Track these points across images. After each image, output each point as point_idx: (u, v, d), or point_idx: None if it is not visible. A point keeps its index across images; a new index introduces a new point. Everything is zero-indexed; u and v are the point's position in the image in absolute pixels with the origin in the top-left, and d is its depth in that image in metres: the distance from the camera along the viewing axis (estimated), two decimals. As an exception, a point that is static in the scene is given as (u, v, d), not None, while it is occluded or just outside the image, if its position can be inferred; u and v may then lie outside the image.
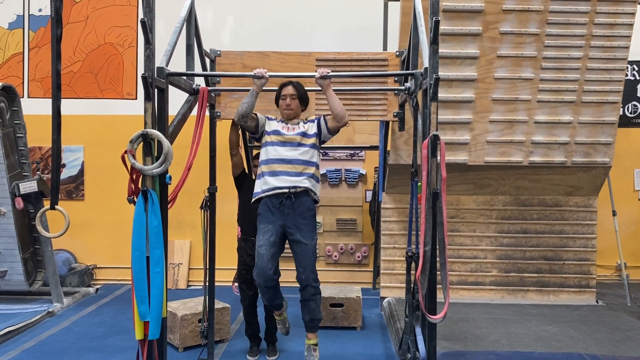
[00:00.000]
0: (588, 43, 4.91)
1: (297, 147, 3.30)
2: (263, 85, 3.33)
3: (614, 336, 4.33)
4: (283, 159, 3.27)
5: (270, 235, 3.23)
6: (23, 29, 7.02)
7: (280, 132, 3.35)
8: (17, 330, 4.93)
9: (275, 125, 3.41)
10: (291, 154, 3.28)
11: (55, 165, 3.36)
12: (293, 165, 3.26)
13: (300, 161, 3.28)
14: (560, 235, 5.55)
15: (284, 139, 3.32)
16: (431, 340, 2.93)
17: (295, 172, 3.26)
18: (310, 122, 3.43)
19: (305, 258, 3.21)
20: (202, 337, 4.31)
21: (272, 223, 3.24)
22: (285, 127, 3.38)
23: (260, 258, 3.21)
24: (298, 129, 3.36)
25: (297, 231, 3.22)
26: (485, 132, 5.11)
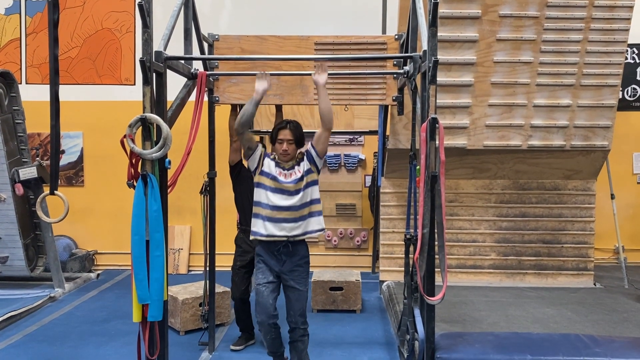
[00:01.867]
0: (588, 26, 4.89)
1: (294, 195, 3.21)
2: (264, 94, 3.23)
3: (611, 318, 4.37)
4: (281, 207, 3.19)
5: (269, 276, 3.29)
6: (20, 15, 6.98)
7: (278, 179, 3.23)
8: (19, 315, 4.98)
9: (273, 168, 3.27)
10: (289, 202, 3.19)
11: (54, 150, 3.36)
12: (291, 212, 3.20)
13: (297, 207, 3.21)
14: (559, 218, 5.57)
15: (282, 187, 3.22)
16: (430, 322, 2.96)
17: (293, 218, 3.20)
18: (302, 161, 3.31)
19: (297, 303, 3.29)
20: (203, 320, 4.35)
21: (269, 267, 3.29)
22: (282, 173, 3.26)
23: (261, 295, 3.26)
24: (294, 175, 3.25)
25: (292, 278, 3.29)
26: (484, 116, 5.10)
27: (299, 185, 3.22)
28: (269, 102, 4.21)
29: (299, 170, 3.26)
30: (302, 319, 3.32)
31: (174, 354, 4.03)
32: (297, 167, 3.28)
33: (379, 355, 4.13)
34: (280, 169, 3.27)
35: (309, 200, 3.25)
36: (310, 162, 3.27)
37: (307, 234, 3.27)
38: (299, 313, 3.30)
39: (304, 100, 4.06)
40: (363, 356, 4.12)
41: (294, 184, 3.22)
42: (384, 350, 4.23)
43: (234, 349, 4.23)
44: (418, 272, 2.90)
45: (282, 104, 4.23)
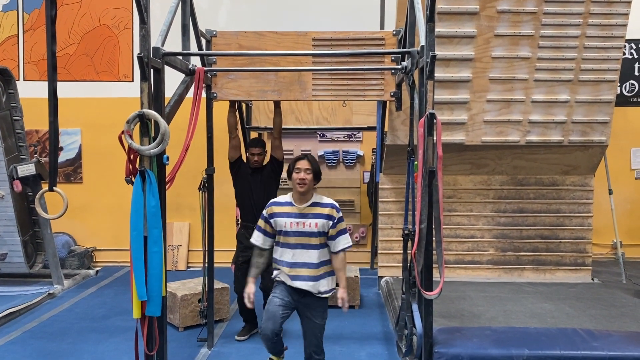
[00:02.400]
0: (585, 21, 4.89)
1: (310, 249, 3.09)
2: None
3: (609, 312, 4.38)
4: (297, 263, 3.09)
5: (286, 296, 3.13)
6: (17, 11, 6.96)
7: (288, 231, 3.08)
8: (19, 311, 4.98)
9: (283, 222, 3.09)
10: (305, 257, 3.08)
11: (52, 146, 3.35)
12: (307, 270, 3.09)
13: (314, 265, 3.09)
14: (557, 214, 5.58)
15: (295, 241, 3.08)
16: (427, 316, 2.97)
17: (310, 277, 3.09)
18: (323, 219, 3.09)
19: (313, 335, 3.15)
20: (201, 317, 4.37)
21: (288, 296, 3.14)
22: (295, 223, 3.08)
23: (273, 304, 3.12)
24: (309, 227, 3.07)
25: (309, 312, 3.16)
26: (482, 111, 5.11)
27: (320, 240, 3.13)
28: (267, 99, 4.21)
29: (316, 223, 3.10)
30: (319, 350, 3.18)
31: (173, 349, 4.04)
32: (315, 219, 3.11)
33: (377, 350, 4.15)
34: (296, 218, 3.11)
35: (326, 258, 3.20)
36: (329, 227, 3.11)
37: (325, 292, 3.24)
38: (315, 344, 3.16)
39: (302, 96, 4.06)
40: (361, 351, 4.13)
41: (315, 237, 3.12)
42: (383, 346, 4.24)
43: (239, 339, 4.32)
44: (416, 267, 2.91)
45: (280, 100, 4.23)
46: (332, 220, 3.07)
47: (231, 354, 4.11)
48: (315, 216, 3.07)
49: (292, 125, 6.17)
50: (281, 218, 3.10)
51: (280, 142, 4.41)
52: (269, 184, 4.34)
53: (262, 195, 4.29)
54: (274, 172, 4.37)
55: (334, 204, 3.13)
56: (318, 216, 3.07)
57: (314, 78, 4.04)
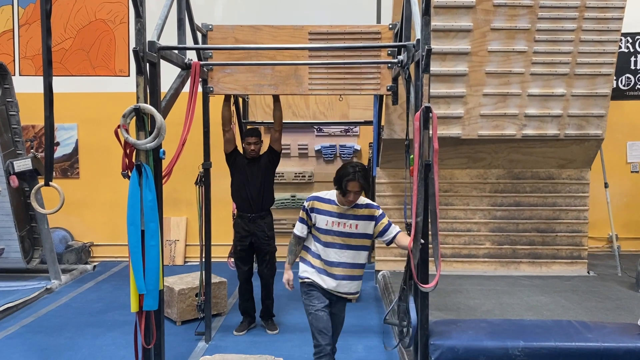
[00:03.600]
0: (581, 15, 4.89)
1: (350, 250, 3.07)
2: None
3: (604, 305, 4.41)
4: (335, 262, 3.07)
5: (324, 300, 3.13)
6: (12, 6, 6.93)
7: (329, 230, 3.06)
8: (16, 306, 4.99)
9: (324, 221, 3.06)
10: (344, 257, 3.07)
11: (48, 141, 3.35)
12: (346, 270, 3.08)
13: (353, 265, 3.09)
14: (553, 207, 5.61)
15: (335, 240, 3.06)
16: (423, 309, 2.99)
17: (347, 277, 3.10)
18: (366, 220, 3.08)
19: (337, 327, 3.28)
20: (199, 311, 4.38)
21: (322, 296, 3.14)
22: (336, 222, 3.05)
23: (320, 319, 3.09)
24: (350, 228, 3.05)
25: (336, 307, 3.22)
26: (478, 105, 5.12)
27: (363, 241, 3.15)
28: (264, 93, 4.21)
29: (356, 225, 3.10)
30: (337, 339, 3.32)
31: (171, 343, 4.06)
32: (356, 221, 3.10)
33: (374, 343, 4.17)
34: (339, 218, 3.08)
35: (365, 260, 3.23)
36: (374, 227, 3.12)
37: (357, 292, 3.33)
38: (336, 338, 3.29)
39: (299, 90, 4.06)
40: (359, 344, 4.15)
41: (360, 238, 3.12)
42: (380, 338, 4.27)
43: (237, 334, 4.34)
44: (412, 259, 2.92)
45: (277, 94, 4.23)
46: (373, 220, 3.08)
47: (228, 347, 4.12)
48: (355, 218, 3.06)
49: (289, 120, 6.18)
50: (322, 215, 3.07)
51: (280, 135, 4.43)
52: (266, 175, 4.36)
53: (259, 185, 4.31)
54: (271, 163, 4.39)
55: (371, 204, 3.13)
56: (359, 218, 3.06)
57: (310, 72, 4.04)
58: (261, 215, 4.34)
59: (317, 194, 3.17)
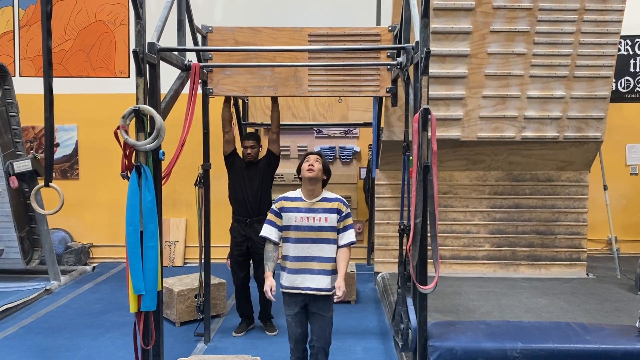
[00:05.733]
0: (581, 17, 4.90)
1: (319, 243, 3.06)
2: None
3: (603, 307, 4.41)
4: (305, 257, 3.06)
5: (296, 313, 3.13)
6: (13, 7, 6.94)
7: (298, 226, 3.06)
8: (16, 307, 4.99)
9: (293, 217, 3.08)
10: (313, 251, 3.06)
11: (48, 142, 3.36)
12: (322, 264, 3.06)
13: (323, 259, 3.06)
14: (552, 209, 5.61)
15: (303, 235, 3.06)
16: (422, 311, 2.99)
17: (325, 270, 3.06)
18: (333, 213, 3.09)
19: (322, 329, 3.13)
20: (198, 312, 4.38)
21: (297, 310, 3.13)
22: (305, 217, 3.07)
23: (289, 325, 3.16)
24: (319, 221, 3.06)
25: (316, 307, 3.11)
26: (478, 107, 5.12)
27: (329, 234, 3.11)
28: (263, 95, 4.22)
29: (326, 217, 3.09)
30: (327, 345, 3.17)
31: (170, 344, 4.06)
32: (324, 214, 3.10)
33: (373, 345, 4.17)
34: (304, 213, 3.10)
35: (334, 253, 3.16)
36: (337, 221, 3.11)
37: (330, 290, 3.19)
38: (324, 339, 3.14)
39: (298, 92, 4.07)
40: (357, 346, 4.15)
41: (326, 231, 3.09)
42: (379, 340, 4.27)
43: (236, 335, 4.34)
44: (411, 261, 2.93)
45: (276, 95, 4.24)
46: (340, 214, 3.09)
47: (227, 348, 4.13)
48: (324, 211, 3.08)
49: (289, 121, 6.18)
50: (291, 212, 3.09)
51: (277, 137, 4.42)
52: (264, 178, 4.36)
53: (257, 189, 4.31)
54: (270, 166, 4.38)
55: (341, 199, 3.14)
56: (327, 211, 3.08)
57: (309, 74, 4.05)
58: (258, 220, 4.31)
59: (283, 195, 3.19)
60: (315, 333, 3.14)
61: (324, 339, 3.14)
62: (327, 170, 3.17)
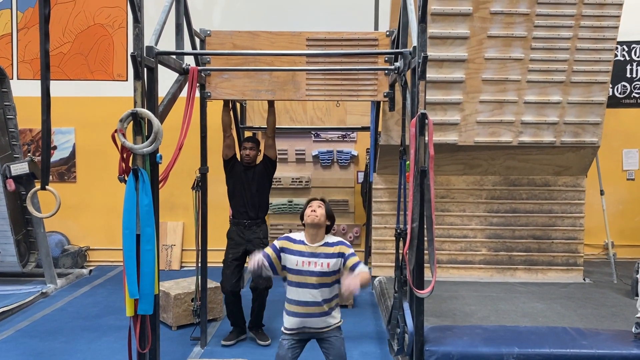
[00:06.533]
0: (578, 23, 4.93)
1: (320, 288, 2.95)
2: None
3: (600, 312, 4.42)
4: (306, 302, 2.95)
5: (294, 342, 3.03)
6: (11, 10, 6.94)
7: (299, 270, 2.95)
8: (11, 310, 4.97)
9: (294, 260, 2.96)
10: (315, 296, 2.94)
11: (45, 145, 3.35)
12: (317, 308, 2.95)
13: (325, 301, 2.96)
14: (549, 214, 5.62)
15: (305, 281, 2.94)
16: (419, 315, 2.99)
17: (320, 313, 2.96)
18: (335, 257, 2.96)
19: (339, 356, 3.04)
20: (195, 315, 4.37)
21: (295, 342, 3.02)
22: (307, 262, 2.95)
23: (282, 347, 3.02)
24: (320, 267, 2.94)
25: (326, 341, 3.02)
26: (475, 112, 5.14)
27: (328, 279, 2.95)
28: (261, 99, 4.22)
29: (327, 262, 2.96)
30: None
31: (166, 348, 4.05)
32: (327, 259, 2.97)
33: (370, 349, 4.17)
34: (304, 258, 2.97)
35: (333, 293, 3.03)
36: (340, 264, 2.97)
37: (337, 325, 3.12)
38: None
39: (296, 96, 4.07)
40: (354, 350, 4.14)
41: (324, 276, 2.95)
42: (375, 345, 4.26)
43: (225, 344, 4.24)
44: (407, 265, 2.93)
45: (274, 99, 4.25)
46: (342, 257, 2.96)
47: (224, 352, 4.11)
48: (327, 256, 2.96)
49: (287, 125, 6.18)
50: (292, 256, 2.97)
51: (273, 142, 4.42)
52: (262, 182, 4.36)
53: (255, 192, 4.31)
54: (267, 171, 4.38)
55: (343, 242, 3.02)
56: (329, 256, 2.96)
57: (307, 78, 4.06)
58: (257, 223, 4.32)
59: (288, 234, 3.08)
60: (333, 354, 3.03)
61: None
62: (330, 215, 3.04)
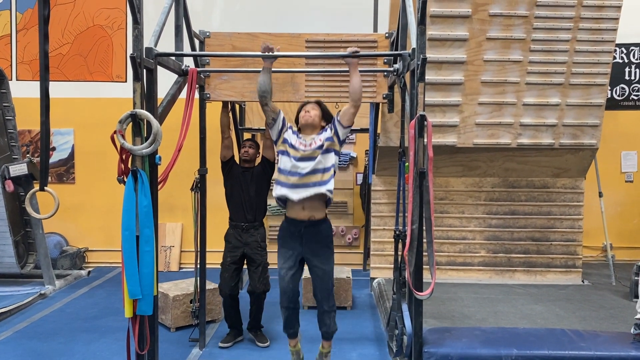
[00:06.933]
0: (576, 25, 4.94)
1: (312, 161, 3.18)
2: (272, 62, 3.27)
3: (598, 314, 4.43)
4: (302, 173, 3.16)
5: (291, 262, 3.28)
6: (10, 11, 6.94)
7: (296, 147, 3.21)
8: (10, 311, 4.96)
9: (294, 139, 3.26)
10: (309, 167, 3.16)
11: (44, 146, 3.36)
12: (312, 177, 3.16)
13: (318, 170, 3.17)
14: (548, 216, 5.63)
15: (300, 155, 3.19)
16: (418, 317, 2.99)
17: (314, 184, 3.17)
18: (325, 131, 3.28)
19: (322, 282, 3.29)
20: (193, 317, 4.36)
21: (292, 249, 3.28)
22: (301, 143, 3.23)
23: (282, 280, 3.29)
24: (314, 144, 3.22)
25: (315, 258, 3.27)
26: (474, 114, 5.15)
27: (316, 153, 3.20)
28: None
29: (319, 139, 3.24)
30: (329, 299, 3.31)
31: (165, 350, 4.05)
32: (317, 137, 3.26)
33: (368, 351, 4.17)
34: (300, 139, 3.26)
35: (325, 166, 3.22)
36: (332, 130, 3.24)
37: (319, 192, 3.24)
38: (325, 292, 3.29)
39: (295, 97, 4.07)
40: (353, 352, 4.15)
41: (315, 150, 3.21)
42: (374, 346, 4.26)
43: (222, 346, 4.23)
44: (407, 267, 2.93)
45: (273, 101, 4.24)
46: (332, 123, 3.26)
47: (222, 354, 4.11)
48: (318, 135, 3.26)
49: (286, 127, 6.18)
50: (292, 134, 3.28)
51: (272, 143, 4.40)
52: (260, 184, 4.35)
53: (254, 195, 4.30)
54: (265, 172, 4.37)
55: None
56: (320, 134, 3.26)
57: (307, 79, 4.06)
58: (254, 226, 4.30)
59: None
60: (317, 286, 3.29)
61: (323, 293, 3.28)
62: (326, 114, 3.34)
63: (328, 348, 3.47)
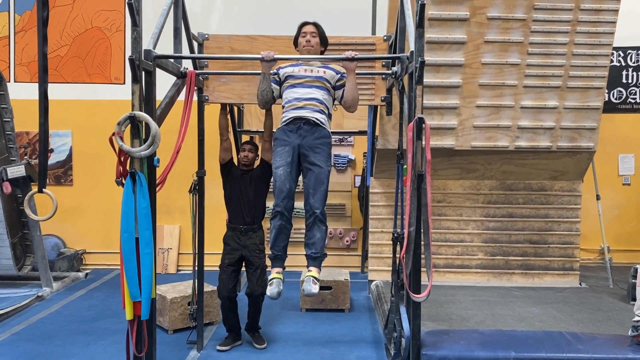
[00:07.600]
0: (574, 28, 4.96)
1: (316, 88, 3.25)
2: (271, 68, 3.34)
3: (596, 316, 4.43)
4: (302, 98, 3.23)
5: (287, 155, 3.19)
6: (9, 12, 6.94)
7: (297, 75, 3.29)
8: (7, 314, 4.96)
9: (291, 70, 3.32)
10: (311, 93, 3.23)
11: (42, 148, 3.35)
12: (312, 102, 3.23)
13: (319, 100, 3.24)
14: (545, 219, 5.64)
15: (302, 81, 3.26)
16: (415, 319, 2.99)
17: (314, 108, 3.23)
18: (331, 70, 3.33)
19: (317, 181, 3.14)
20: (191, 319, 4.35)
21: (288, 144, 3.20)
22: (303, 69, 3.30)
23: (279, 178, 3.19)
24: (317, 73, 3.30)
25: (313, 154, 3.17)
26: (472, 117, 5.16)
27: (320, 82, 3.27)
28: (259, 102, 4.22)
29: (323, 71, 3.31)
30: (320, 203, 3.14)
31: (163, 352, 4.04)
32: (321, 69, 3.32)
33: (366, 354, 4.17)
34: (300, 67, 3.32)
35: (326, 102, 3.29)
36: (336, 81, 3.32)
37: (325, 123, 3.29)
38: (319, 195, 3.13)
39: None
40: (350, 354, 4.15)
41: (318, 79, 3.27)
42: (372, 349, 4.26)
43: (221, 349, 4.23)
44: (404, 269, 2.93)
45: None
46: (339, 73, 3.34)
47: (220, 356, 4.11)
48: (324, 67, 3.34)
49: (284, 129, 6.18)
50: (289, 67, 3.33)
51: (270, 145, 4.41)
52: (259, 186, 4.35)
53: (252, 197, 4.30)
54: (264, 175, 4.37)
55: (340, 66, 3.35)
56: (326, 67, 3.34)
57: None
58: (253, 229, 4.29)
59: None
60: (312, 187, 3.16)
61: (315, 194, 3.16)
62: (323, 40, 3.45)
63: (316, 273, 3.16)
